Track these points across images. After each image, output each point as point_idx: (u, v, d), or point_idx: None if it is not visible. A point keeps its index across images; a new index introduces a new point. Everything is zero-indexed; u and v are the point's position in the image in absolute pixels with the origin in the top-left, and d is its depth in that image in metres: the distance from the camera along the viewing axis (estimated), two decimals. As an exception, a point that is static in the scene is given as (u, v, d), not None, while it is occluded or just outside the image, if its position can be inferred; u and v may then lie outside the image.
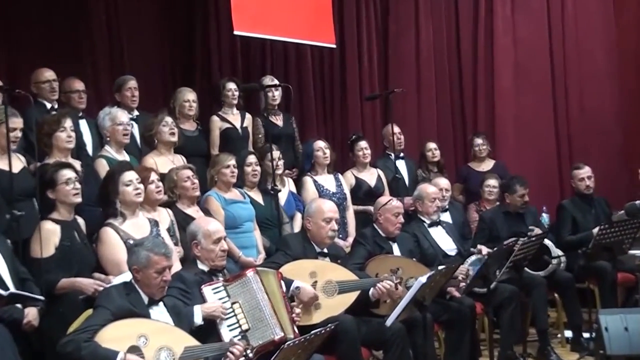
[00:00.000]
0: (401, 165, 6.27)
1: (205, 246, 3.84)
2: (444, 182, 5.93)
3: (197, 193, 4.74)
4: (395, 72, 7.29)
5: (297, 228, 5.17)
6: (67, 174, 3.97)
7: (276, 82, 5.87)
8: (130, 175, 4.12)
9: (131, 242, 3.76)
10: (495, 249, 4.75)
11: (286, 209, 5.38)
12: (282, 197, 5.34)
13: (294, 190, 5.56)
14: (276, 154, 5.18)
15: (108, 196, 4.07)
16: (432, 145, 6.56)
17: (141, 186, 4.18)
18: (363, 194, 5.90)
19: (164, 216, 4.43)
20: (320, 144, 5.73)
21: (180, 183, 4.68)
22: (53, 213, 3.97)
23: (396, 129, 6.27)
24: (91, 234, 4.07)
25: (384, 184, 6.01)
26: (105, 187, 4.13)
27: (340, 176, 5.81)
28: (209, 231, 3.86)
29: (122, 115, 4.88)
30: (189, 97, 5.61)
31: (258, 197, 5.23)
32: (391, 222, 4.94)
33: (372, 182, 5.98)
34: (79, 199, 3.97)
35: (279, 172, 5.33)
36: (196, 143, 5.56)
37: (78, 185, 3.98)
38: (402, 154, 6.32)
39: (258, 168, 5.24)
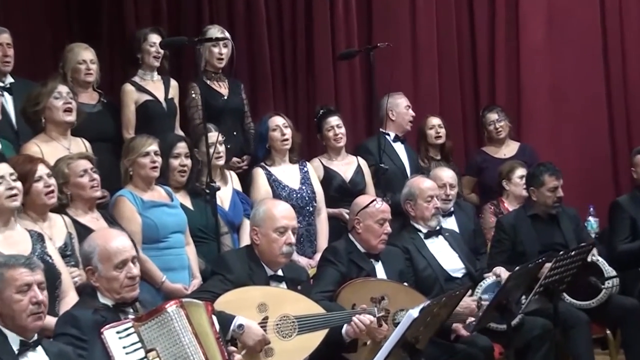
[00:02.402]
0: (399, 150, 6.34)
1: (104, 273, 3.73)
2: (447, 174, 5.96)
3: (98, 193, 4.71)
4: (381, 24, 7.28)
5: (245, 241, 5.16)
6: None
7: (227, 34, 5.93)
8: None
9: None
10: (518, 268, 4.70)
11: (231, 215, 5.38)
12: (224, 198, 5.38)
13: (239, 188, 5.59)
14: (214, 136, 5.18)
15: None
16: (434, 120, 6.58)
17: (18, 185, 4.11)
18: (335, 191, 5.93)
19: (58, 228, 4.43)
20: (277, 120, 5.74)
21: (73, 179, 4.62)
22: None
23: (405, 102, 6.35)
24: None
25: (365, 178, 6.04)
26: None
27: (308, 166, 5.87)
28: (109, 251, 3.75)
29: None
30: (85, 56, 5.58)
31: (185, 200, 5.26)
32: (373, 232, 4.94)
33: (347, 174, 6.01)
34: None
35: (220, 162, 5.37)
36: (99, 122, 5.56)
37: None
38: (402, 135, 6.41)
39: (188, 162, 5.25)
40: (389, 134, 6.32)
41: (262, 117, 5.91)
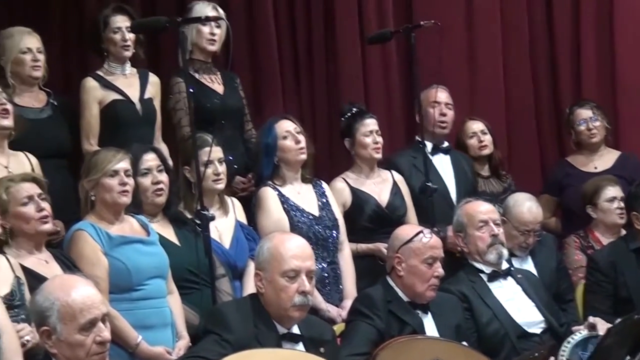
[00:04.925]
0: (443, 164, 6.40)
1: (65, 336, 3.68)
2: (533, 214, 6.06)
3: (48, 226, 4.72)
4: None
5: (251, 290, 5.12)
6: None
7: (221, 12, 6.02)
8: None
9: None
10: (621, 319, 4.78)
11: (232, 255, 5.38)
12: (224, 233, 5.45)
13: (244, 220, 5.62)
14: (215, 151, 5.31)
15: None
16: (475, 125, 6.66)
17: None
18: (368, 220, 5.98)
19: (2, 271, 4.45)
20: (286, 125, 5.79)
21: (13, 208, 4.62)
22: None
23: (444, 96, 6.39)
24: None
25: (405, 200, 6.09)
26: None
27: (325, 187, 5.91)
28: (72, 307, 3.70)
29: None
30: (29, 43, 5.63)
31: (167, 231, 5.26)
32: (420, 274, 4.96)
33: (382, 196, 6.09)
34: None
35: (219, 186, 5.44)
36: (48, 131, 5.63)
37: None
38: (446, 144, 6.48)
39: (163, 177, 5.25)
40: (424, 144, 6.29)
41: (269, 120, 5.94)
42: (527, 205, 6.07)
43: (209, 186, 5.29)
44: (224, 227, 5.41)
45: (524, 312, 5.34)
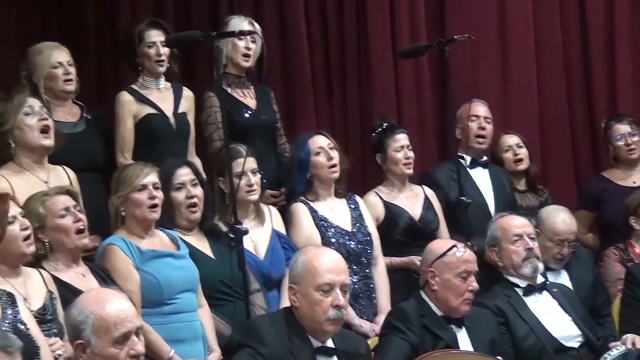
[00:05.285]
0: (482, 177, 6.41)
1: (100, 349, 3.68)
2: (567, 224, 6.02)
3: (85, 241, 4.73)
4: (457, 11, 7.26)
5: (287, 302, 5.05)
6: None
7: (257, 26, 6.05)
8: None
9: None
10: None
11: (267, 266, 5.36)
12: (260, 243, 5.44)
13: (282, 228, 5.61)
14: (248, 162, 5.33)
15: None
16: (511, 139, 6.64)
17: (15, 229, 4.24)
18: (401, 233, 5.99)
19: (35, 285, 4.44)
20: (319, 141, 5.79)
21: (51, 221, 4.62)
22: None
23: (482, 110, 6.37)
24: None
25: (437, 214, 6.09)
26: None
27: (359, 200, 5.89)
28: (106, 321, 3.69)
29: None
30: (59, 57, 5.63)
31: (202, 244, 5.24)
32: (454, 289, 4.94)
33: (415, 210, 6.08)
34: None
35: (253, 197, 5.41)
36: (83, 145, 5.62)
37: None
38: (485, 158, 6.49)
39: (197, 191, 5.24)
40: (463, 157, 6.32)
41: (301, 135, 5.96)
42: (560, 216, 6.03)
43: (242, 197, 5.28)
44: (259, 237, 5.41)
45: (561, 326, 5.32)
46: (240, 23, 5.94)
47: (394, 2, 7.16)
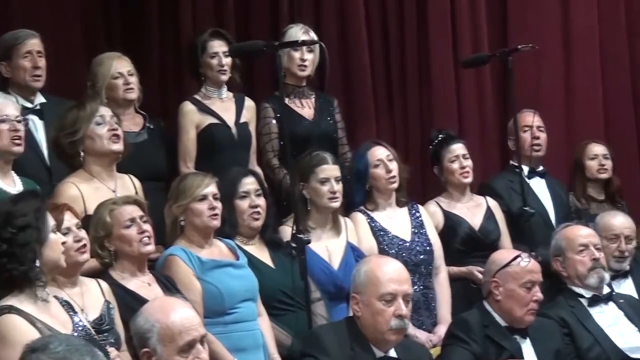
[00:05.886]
0: (540, 187, 6.33)
1: (165, 358, 3.68)
2: (620, 221, 6.01)
3: (150, 248, 4.76)
4: (520, 20, 7.23)
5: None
6: None
7: (313, 35, 6.03)
8: (51, 218, 4.01)
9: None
10: None
11: (341, 276, 5.35)
12: (335, 253, 5.49)
13: (355, 240, 5.63)
14: (329, 169, 5.43)
15: (14, 256, 3.89)
16: (597, 148, 6.61)
17: (67, 240, 4.19)
18: (461, 242, 6.00)
19: (92, 295, 4.48)
20: (379, 152, 5.80)
21: (117, 230, 4.65)
22: None
23: (531, 117, 6.31)
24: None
25: (499, 225, 6.07)
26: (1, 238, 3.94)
27: (421, 210, 5.91)
28: (171, 329, 3.70)
29: (6, 105, 4.92)
30: (120, 67, 5.68)
31: (263, 254, 5.26)
32: (518, 299, 4.90)
33: (475, 220, 6.08)
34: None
35: (335, 204, 5.45)
36: (146, 155, 5.66)
37: None
38: (541, 168, 6.39)
39: (260, 201, 5.27)
40: (521, 168, 6.25)
41: (359, 147, 5.97)
42: (612, 213, 6.06)
43: (324, 204, 5.34)
44: (335, 247, 5.44)
45: (627, 338, 5.28)
46: (296, 33, 5.96)
47: (455, 11, 7.15)
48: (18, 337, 3.72)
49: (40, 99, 5.53)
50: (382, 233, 5.66)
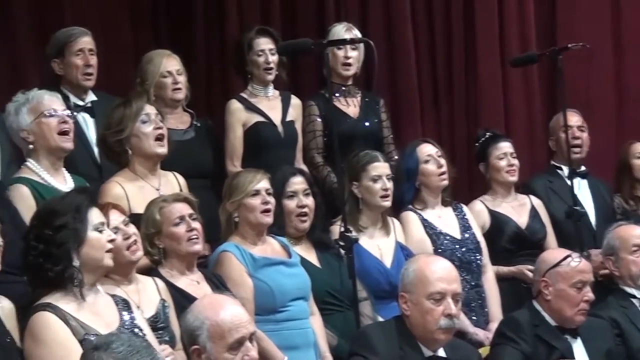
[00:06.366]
0: (582, 187, 6.35)
1: (215, 355, 3.71)
2: None
3: (198, 247, 4.75)
4: (568, 19, 7.22)
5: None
6: None
7: (357, 33, 6.00)
8: (99, 215, 4.03)
9: (92, 338, 3.71)
10: None
11: (394, 274, 5.26)
12: (386, 252, 5.49)
13: (403, 240, 5.64)
14: (380, 167, 5.44)
15: (50, 256, 3.94)
16: None
17: (117, 238, 4.18)
18: (508, 241, 5.99)
19: (148, 293, 4.51)
20: (428, 149, 5.81)
21: (166, 228, 4.67)
22: None
23: (575, 119, 6.27)
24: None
25: (545, 225, 6.07)
26: (39, 238, 3.97)
27: (465, 210, 5.93)
28: (221, 326, 3.73)
29: (52, 100, 4.88)
30: (169, 65, 5.71)
31: (309, 254, 5.30)
32: (569, 299, 4.87)
33: (521, 219, 6.08)
34: None
35: (386, 201, 5.44)
36: (192, 152, 5.69)
37: None
38: (583, 168, 6.35)
39: (308, 201, 5.25)
40: (561, 168, 6.24)
41: (406, 146, 5.96)
42: None
43: (376, 202, 5.34)
44: (385, 246, 5.44)
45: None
46: (340, 31, 5.97)
47: (503, 10, 7.16)
48: (49, 336, 3.81)
49: (91, 96, 5.58)
50: (434, 231, 5.68)
